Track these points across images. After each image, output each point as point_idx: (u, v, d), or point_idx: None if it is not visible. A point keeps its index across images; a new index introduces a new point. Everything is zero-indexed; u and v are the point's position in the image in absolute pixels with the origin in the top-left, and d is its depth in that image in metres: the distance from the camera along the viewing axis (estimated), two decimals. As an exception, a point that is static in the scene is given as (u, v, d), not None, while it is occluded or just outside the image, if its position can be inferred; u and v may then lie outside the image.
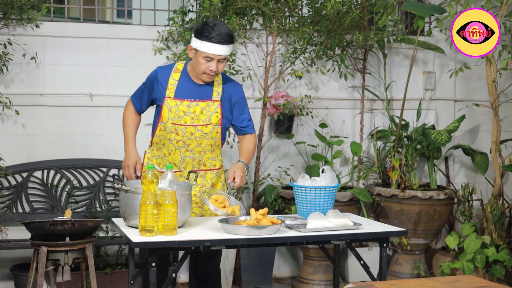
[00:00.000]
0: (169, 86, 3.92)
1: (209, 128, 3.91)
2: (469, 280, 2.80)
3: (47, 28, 5.42)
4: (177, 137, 3.91)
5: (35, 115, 5.42)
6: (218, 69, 3.83)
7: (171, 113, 3.89)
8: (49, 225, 3.61)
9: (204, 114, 3.90)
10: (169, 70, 3.99)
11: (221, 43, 3.76)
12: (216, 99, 3.93)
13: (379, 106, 6.22)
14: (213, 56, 3.78)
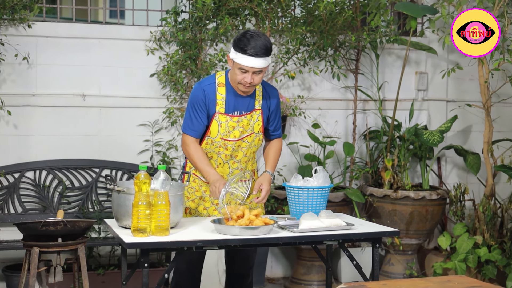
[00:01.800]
0: (218, 102, 3.83)
1: (252, 137, 3.90)
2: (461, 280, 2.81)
3: (39, 28, 5.41)
4: (226, 152, 3.87)
5: (27, 115, 5.40)
6: (254, 81, 3.74)
7: (221, 128, 3.82)
8: (41, 226, 3.60)
9: (248, 124, 3.88)
10: (213, 84, 3.87)
11: (256, 56, 3.67)
12: (258, 107, 3.90)
13: (371, 106, 6.23)
14: (247, 68, 3.70)
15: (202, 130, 3.86)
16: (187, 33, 5.53)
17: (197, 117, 3.83)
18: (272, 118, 4.00)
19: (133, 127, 5.61)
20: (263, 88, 3.96)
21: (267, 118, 3.97)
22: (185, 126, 3.88)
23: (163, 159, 5.56)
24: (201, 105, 3.82)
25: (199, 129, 3.85)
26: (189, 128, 3.86)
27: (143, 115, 5.60)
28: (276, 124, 4.04)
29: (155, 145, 5.62)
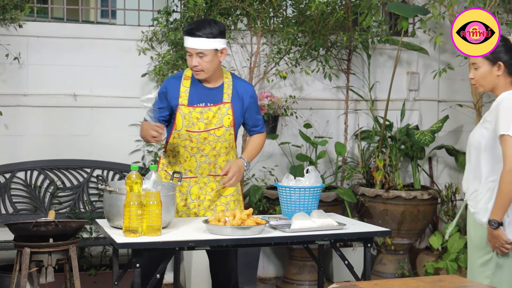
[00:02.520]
0: (181, 94, 3.87)
1: (222, 131, 3.88)
2: (453, 280, 2.82)
3: (30, 28, 5.39)
4: (191, 144, 3.87)
5: (18, 115, 5.39)
6: (201, 65, 3.76)
7: (185, 120, 3.84)
8: (33, 226, 3.59)
9: (216, 117, 3.86)
10: (179, 78, 3.93)
11: (194, 35, 3.71)
12: (226, 101, 3.89)
13: (363, 106, 6.24)
14: (190, 50, 3.76)
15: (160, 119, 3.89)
16: (179, 33, 5.52)
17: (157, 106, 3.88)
18: (248, 114, 3.97)
19: (124, 127, 5.60)
20: (233, 80, 3.95)
21: (243, 112, 3.95)
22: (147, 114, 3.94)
23: (155, 159, 5.55)
24: (162, 97, 3.90)
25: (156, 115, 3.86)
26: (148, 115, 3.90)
27: (134, 115, 5.59)
28: (254, 120, 4.02)
29: (147, 145, 5.61)
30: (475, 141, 3.37)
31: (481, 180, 3.32)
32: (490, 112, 3.35)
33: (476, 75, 3.39)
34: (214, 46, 3.76)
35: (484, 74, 3.36)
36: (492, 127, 3.28)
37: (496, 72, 3.34)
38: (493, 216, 3.22)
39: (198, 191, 3.93)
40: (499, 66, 3.34)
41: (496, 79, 3.35)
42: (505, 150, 3.17)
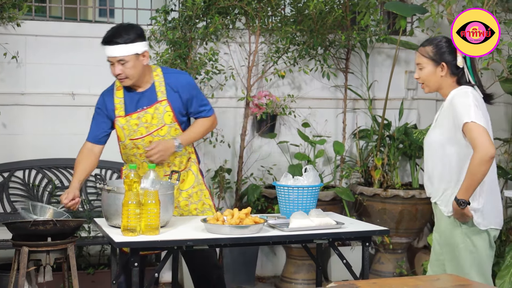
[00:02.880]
0: (117, 105, 3.87)
1: (166, 129, 3.85)
2: (450, 279, 2.82)
3: (28, 27, 5.38)
4: (139, 151, 3.88)
5: (16, 114, 5.38)
6: (125, 72, 3.73)
7: (125, 130, 3.85)
8: (31, 225, 3.59)
9: (156, 118, 3.83)
10: (111, 90, 3.94)
11: (110, 44, 3.71)
12: (162, 99, 3.84)
13: (361, 105, 6.24)
14: (110, 59, 3.74)
15: (100, 135, 3.94)
16: (177, 32, 5.52)
17: (95, 122, 3.93)
18: (190, 103, 3.90)
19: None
20: (164, 78, 3.89)
21: (184, 105, 3.88)
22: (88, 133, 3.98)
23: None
24: (100, 111, 3.91)
25: (96, 133, 3.93)
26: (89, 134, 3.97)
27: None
28: (196, 107, 3.93)
29: (145, 144, 5.60)
30: (435, 143, 3.43)
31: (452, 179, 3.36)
32: (444, 111, 3.43)
33: (421, 75, 3.48)
34: (134, 51, 3.73)
35: (428, 74, 3.45)
36: (450, 125, 3.36)
37: (440, 72, 3.43)
38: (462, 195, 3.27)
39: None
40: (442, 66, 3.43)
41: (440, 80, 3.44)
42: (473, 135, 3.25)
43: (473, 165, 3.24)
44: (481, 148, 3.22)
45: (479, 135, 3.24)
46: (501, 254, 5.48)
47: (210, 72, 5.62)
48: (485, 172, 3.25)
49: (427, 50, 3.46)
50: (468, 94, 3.35)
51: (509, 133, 6.56)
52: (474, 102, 3.33)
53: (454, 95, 3.39)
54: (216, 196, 5.75)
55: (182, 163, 3.98)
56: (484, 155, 3.21)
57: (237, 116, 5.89)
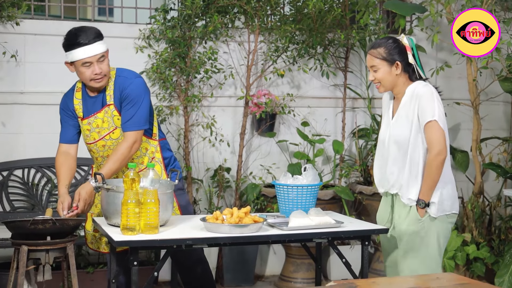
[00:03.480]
0: (76, 107, 3.89)
1: (118, 132, 3.81)
2: (450, 278, 2.82)
3: (27, 26, 5.38)
4: (95, 155, 3.90)
5: (15, 113, 5.38)
6: (102, 69, 3.73)
7: (83, 134, 3.90)
8: (30, 224, 3.58)
9: (106, 121, 3.81)
10: (71, 92, 3.94)
11: (91, 42, 3.71)
12: (110, 102, 3.80)
13: (360, 104, 6.25)
14: (89, 59, 3.71)
15: (71, 136, 3.93)
16: (176, 31, 5.52)
17: (64, 123, 3.93)
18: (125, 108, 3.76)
19: (122, 125, 5.59)
20: (115, 80, 3.84)
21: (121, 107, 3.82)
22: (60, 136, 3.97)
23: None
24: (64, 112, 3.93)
25: (67, 135, 3.93)
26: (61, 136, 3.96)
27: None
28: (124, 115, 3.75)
29: (144, 143, 5.60)
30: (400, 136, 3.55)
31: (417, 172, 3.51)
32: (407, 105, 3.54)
33: (377, 77, 3.61)
34: (106, 48, 3.78)
35: (384, 74, 3.59)
36: (415, 117, 3.50)
37: (395, 71, 3.58)
38: (422, 196, 3.50)
39: None
40: (397, 65, 3.57)
41: (396, 78, 3.59)
42: (432, 134, 3.47)
43: (432, 167, 3.46)
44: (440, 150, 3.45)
45: (440, 137, 3.46)
46: (500, 253, 5.49)
47: (209, 71, 5.63)
48: (441, 172, 3.49)
49: (380, 52, 3.59)
50: (432, 92, 3.51)
51: (508, 132, 6.56)
52: (438, 100, 3.51)
53: (418, 92, 3.52)
54: (215, 195, 5.75)
55: (142, 163, 3.90)
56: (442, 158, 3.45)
57: (237, 115, 5.89)
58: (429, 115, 3.46)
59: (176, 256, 4.06)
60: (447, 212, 3.56)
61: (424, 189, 3.50)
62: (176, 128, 5.74)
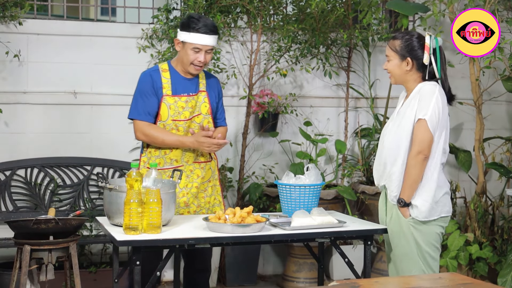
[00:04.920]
0: (164, 85, 3.96)
1: (200, 118, 4.00)
2: (453, 277, 2.82)
3: (30, 26, 5.39)
4: (178, 133, 3.96)
5: (18, 113, 5.39)
6: (206, 60, 3.92)
7: (171, 110, 3.93)
8: (33, 224, 3.59)
9: (196, 106, 3.99)
10: (157, 71, 4.02)
11: (208, 33, 3.86)
12: (202, 89, 4.04)
13: (363, 104, 6.24)
14: (201, 47, 3.88)
15: (154, 114, 3.96)
16: (179, 30, 5.52)
17: (148, 101, 3.95)
18: (220, 105, 4.14)
19: (124, 125, 5.59)
20: (205, 73, 4.13)
21: (216, 102, 4.10)
22: (136, 113, 3.98)
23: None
24: (150, 89, 3.95)
25: (152, 112, 3.95)
26: (142, 113, 3.95)
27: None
28: (220, 111, 4.16)
29: (147, 143, 5.60)
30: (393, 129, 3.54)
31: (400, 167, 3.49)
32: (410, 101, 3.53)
33: (388, 67, 3.60)
34: (216, 43, 3.99)
35: (394, 67, 3.57)
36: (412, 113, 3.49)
37: (405, 67, 3.54)
38: (402, 195, 3.48)
39: (185, 179, 3.99)
40: (408, 62, 3.53)
41: (405, 74, 3.55)
42: (418, 133, 3.45)
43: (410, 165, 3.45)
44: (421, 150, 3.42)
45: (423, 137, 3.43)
46: (503, 253, 5.49)
47: (212, 71, 5.63)
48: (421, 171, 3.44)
49: (395, 44, 3.56)
50: (434, 92, 3.48)
51: (511, 131, 6.56)
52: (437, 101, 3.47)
53: (421, 88, 3.50)
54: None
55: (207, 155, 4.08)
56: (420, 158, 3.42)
57: (239, 114, 5.89)
58: (421, 113, 3.44)
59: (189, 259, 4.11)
60: (437, 216, 3.51)
61: (403, 188, 3.47)
62: (179, 128, 5.74)
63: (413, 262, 3.52)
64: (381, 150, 3.62)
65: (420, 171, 3.44)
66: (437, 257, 3.59)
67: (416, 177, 3.44)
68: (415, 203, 3.48)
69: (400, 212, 3.51)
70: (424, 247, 3.52)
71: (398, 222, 3.53)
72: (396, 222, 3.54)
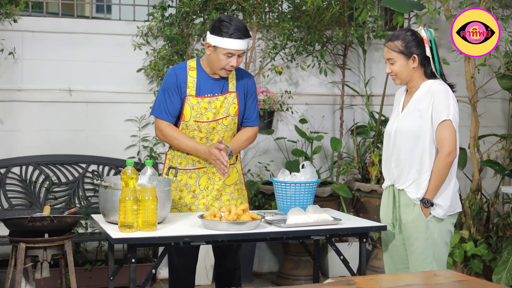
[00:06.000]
0: (189, 84, 3.88)
1: (228, 120, 3.91)
2: (448, 275, 2.82)
3: (25, 23, 5.37)
4: (200, 134, 3.89)
5: (13, 110, 5.37)
6: (238, 63, 3.84)
7: (193, 110, 3.86)
8: (28, 222, 3.58)
9: (223, 107, 3.89)
10: (184, 69, 3.93)
11: (241, 38, 3.77)
12: (232, 90, 3.94)
13: (358, 101, 6.25)
14: (234, 52, 3.78)
15: (176, 113, 3.90)
16: (174, 28, 5.51)
17: (170, 100, 3.88)
18: (249, 104, 4.01)
19: (120, 122, 5.60)
20: (236, 70, 3.99)
21: (245, 102, 3.99)
22: (158, 111, 3.92)
23: (150, 155, 5.55)
24: (174, 88, 3.88)
25: (173, 112, 3.89)
26: (163, 112, 3.90)
27: (130, 110, 5.59)
28: (249, 111, 4.02)
29: (142, 140, 5.60)
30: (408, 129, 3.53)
31: (424, 168, 3.50)
32: (421, 100, 3.53)
33: (393, 69, 3.58)
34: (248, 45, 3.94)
35: (401, 67, 3.56)
36: (428, 114, 3.49)
37: (412, 64, 3.55)
38: (428, 195, 3.49)
39: (206, 181, 3.94)
40: (414, 58, 3.54)
41: (412, 71, 3.56)
42: (445, 134, 3.45)
43: (441, 166, 3.45)
44: (451, 151, 3.44)
45: (452, 137, 3.45)
46: (498, 250, 5.50)
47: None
48: (448, 173, 3.48)
49: (397, 45, 3.55)
50: (448, 91, 3.50)
51: (506, 129, 6.57)
52: (454, 100, 3.50)
53: (434, 89, 3.50)
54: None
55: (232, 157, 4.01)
56: (452, 159, 3.44)
57: (235, 112, 5.89)
58: (444, 114, 3.44)
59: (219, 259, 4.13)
60: (452, 212, 3.56)
61: (430, 189, 3.48)
62: (174, 125, 5.73)
63: (427, 262, 3.52)
64: (396, 150, 3.58)
65: (448, 172, 3.47)
66: (447, 254, 3.61)
67: (444, 179, 3.47)
68: (438, 202, 3.50)
69: (421, 212, 3.51)
70: (440, 245, 3.54)
71: (418, 221, 3.52)
72: (416, 221, 3.53)
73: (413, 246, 3.56)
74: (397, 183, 3.61)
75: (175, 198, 3.94)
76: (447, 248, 3.59)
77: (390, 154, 3.64)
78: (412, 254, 3.57)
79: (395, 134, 3.60)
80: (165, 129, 3.90)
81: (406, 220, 3.57)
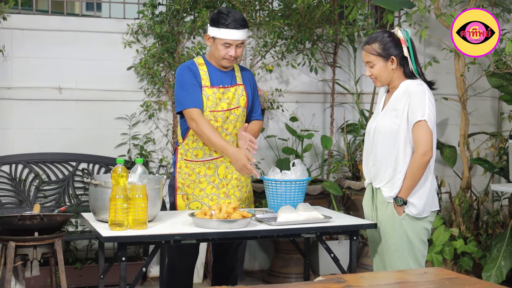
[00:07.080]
0: (203, 76, 3.95)
1: (239, 111, 3.99)
2: (438, 272, 2.83)
3: (14, 21, 5.35)
4: (216, 124, 3.93)
5: (2, 108, 5.35)
6: (237, 54, 3.92)
7: (209, 101, 3.91)
8: (17, 220, 3.57)
9: (235, 98, 3.98)
10: (194, 64, 4.00)
11: (238, 28, 3.85)
12: (240, 82, 4.04)
13: (349, 99, 6.25)
14: (231, 42, 3.86)
15: (202, 101, 3.90)
16: (165, 26, 5.50)
17: (194, 90, 3.90)
18: (255, 98, 4.13)
19: (110, 121, 5.58)
20: (239, 66, 4.13)
21: (252, 96, 4.09)
22: (185, 102, 3.89)
23: (141, 153, 5.54)
24: (193, 80, 3.93)
25: (200, 100, 3.90)
26: (190, 102, 3.88)
27: (120, 108, 5.58)
28: (256, 105, 4.14)
29: (133, 139, 5.59)
30: (388, 130, 3.55)
31: (398, 168, 3.53)
32: (398, 100, 3.55)
33: (373, 72, 3.60)
34: (247, 36, 4.00)
35: (380, 70, 3.58)
36: (404, 114, 3.51)
37: (391, 66, 3.57)
38: (402, 194, 3.51)
39: (225, 170, 4.00)
40: (392, 60, 3.56)
41: (392, 72, 3.59)
42: (420, 134, 3.47)
43: (416, 166, 3.48)
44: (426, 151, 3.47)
45: (427, 137, 3.47)
46: (487, 248, 5.52)
47: (198, 66, 5.61)
48: (423, 173, 3.50)
49: (374, 48, 3.57)
50: (425, 91, 3.52)
51: (495, 127, 6.59)
52: (430, 100, 3.53)
53: (410, 89, 3.52)
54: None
55: None
56: (427, 159, 3.47)
57: (225, 110, 5.88)
58: (419, 114, 3.46)
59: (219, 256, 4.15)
60: (429, 211, 3.57)
61: (404, 188, 3.50)
62: (165, 124, 5.72)
63: (402, 259, 3.55)
64: (374, 149, 3.63)
65: (423, 172, 3.48)
66: (425, 252, 3.64)
67: (419, 178, 3.49)
68: (412, 201, 3.52)
69: (394, 210, 3.54)
70: (415, 243, 3.56)
71: (392, 219, 3.55)
72: (390, 219, 3.56)
73: (388, 243, 3.60)
74: (374, 181, 3.65)
75: (195, 191, 3.97)
76: (424, 246, 3.61)
77: (369, 152, 3.69)
78: (388, 250, 3.61)
79: (374, 132, 3.64)
80: (199, 119, 3.84)
81: (382, 218, 3.62)
